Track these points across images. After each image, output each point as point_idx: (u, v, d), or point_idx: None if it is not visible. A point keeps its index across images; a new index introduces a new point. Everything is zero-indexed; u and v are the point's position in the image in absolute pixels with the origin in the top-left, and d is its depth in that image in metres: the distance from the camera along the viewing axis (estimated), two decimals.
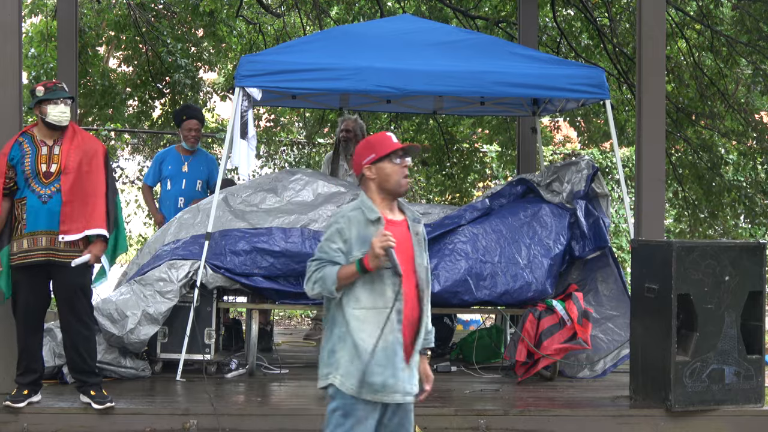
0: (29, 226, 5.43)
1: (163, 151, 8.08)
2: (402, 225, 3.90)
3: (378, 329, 3.76)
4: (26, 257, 5.43)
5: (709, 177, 11.38)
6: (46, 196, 5.43)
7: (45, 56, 11.78)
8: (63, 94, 5.47)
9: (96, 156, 5.53)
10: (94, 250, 5.50)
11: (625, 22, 11.22)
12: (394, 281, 3.77)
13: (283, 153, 14.50)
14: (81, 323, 5.53)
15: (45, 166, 5.44)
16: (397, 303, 3.78)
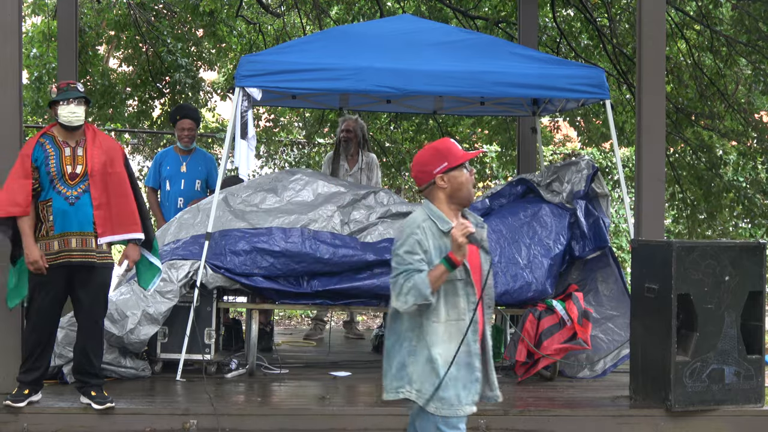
0: (57, 227, 5.43)
1: (162, 152, 8.08)
2: None
3: (453, 342, 3.75)
4: (57, 258, 5.43)
5: (708, 177, 11.38)
6: (73, 197, 5.44)
7: (47, 56, 11.78)
8: (73, 94, 5.47)
9: (117, 157, 5.57)
10: (132, 255, 5.59)
11: (625, 22, 11.22)
12: (467, 291, 3.78)
13: (283, 153, 14.50)
14: (96, 326, 5.57)
15: (70, 167, 5.45)
16: (472, 313, 3.78)
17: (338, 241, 6.65)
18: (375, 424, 5.61)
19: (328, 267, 6.59)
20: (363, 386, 6.59)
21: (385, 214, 6.98)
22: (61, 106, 5.45)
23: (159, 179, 7.83)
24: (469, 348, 3.79)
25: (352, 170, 8.27)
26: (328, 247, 6.59)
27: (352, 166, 8.29)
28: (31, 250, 5.38)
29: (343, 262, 6.59)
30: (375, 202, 7.13)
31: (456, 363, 3.75)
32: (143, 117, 13.04)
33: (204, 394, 5.94)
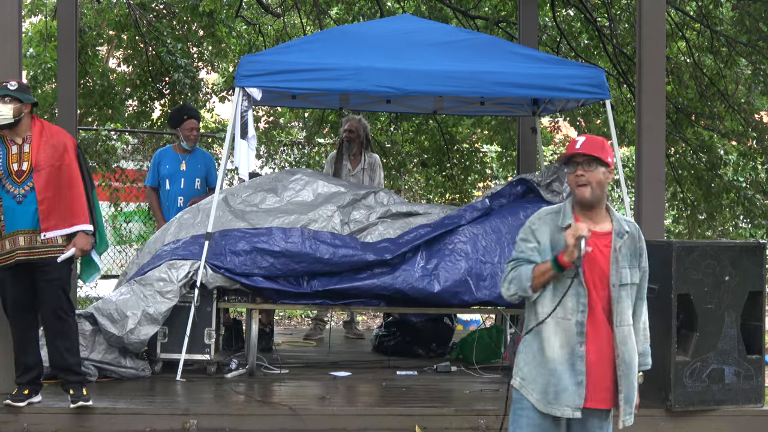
0: (7, 227, 5.43)
1: (160, 152, 8.06)
2: (602, 238, 3.75)
3: (557, 340, 3.73)
4: (7, 258, 5.43)
5: (708, 178, 11.37)
6: (20, 195, 5.42)
7: (44, 56, 11.77)
8: (1, 92, 5.38)
9: (66, 150, 5.49)
10: (78, 243, 5.48)
11: (625, 22, 11.22)
12: (578, 291, 3.71)
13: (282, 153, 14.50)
14: (58, 319, 5.50)
15: (16, 165, 5.43)
16: (579, 315, 3.71)
17: (338, 241, 6.65)
18: (375, 424, 5.61)
19: (328, 267, 6.59)
20: (363, 386, 6.59)
21: (385, 214, 6.98)
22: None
23: (158, 178, 7.82)
24: (573, 349, 3.72)
25: (354, 170, 8.27)
26: (328, 247, 6.59)
27: (354, 166, 8.29)
28: None
29: (343, 262, 6.59)
30: (375, 202, 7.14)
31: (558, 361, 3.72)
32: (143, 117, 13.03)
33: (204, 394, 5.94)
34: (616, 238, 3.75)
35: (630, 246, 3.78)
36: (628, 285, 3.76)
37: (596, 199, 3.74)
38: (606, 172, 3.74)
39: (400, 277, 6.59)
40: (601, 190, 3.74)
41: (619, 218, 3.81)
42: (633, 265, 3.78)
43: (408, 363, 7.27)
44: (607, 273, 3.73)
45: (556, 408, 3.74)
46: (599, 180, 3.72)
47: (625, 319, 3.75)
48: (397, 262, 6.65)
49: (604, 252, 3.74)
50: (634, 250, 3.79)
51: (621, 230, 3.76)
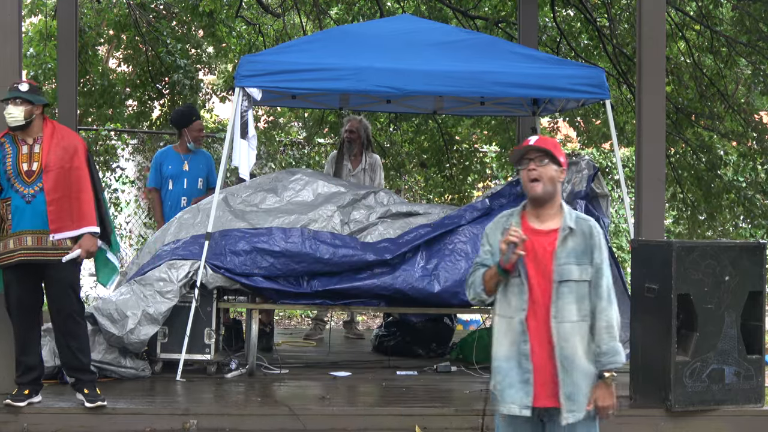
0: (15, 226, 5.44)
1: (161, 152, 8.05)
2: (547, 235, 3.79)
3: (505, 338, 3.80)
4: (12, 257, 5.44)
5: (708, 178, 11.37)
6: (29, 195, 5.43)
7: (44, 56, 11.77)
8: (11, 94, 5.42)
9: (77, 153, 5.51)
10: (84, 244, 5.49)
11: (625, 22, 11.22)
12: (521, 289, 3.75)
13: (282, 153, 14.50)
14: (70, 319, 5.53)
15: (26, 165, 5.44)
16: (521, 313, 3.76)
17: (338, 241, 6.65)
18: (375, 424, 5.61)
19: (328, 267, 6.59)
20: (363, 386, 6.59)
21: (385, 214, 6.98)
22: (5, 107, 5.45)
23: (161, 179, 7.81)
24: (518, 347, 3.77)
25: (355, 170, 8.27)
26: (328, 247, 6.59)
27: (355, 167, 8.29)
28: None
29: (343, 262, 6.59)
30: (375, 202, 7.14)
31: (506, 359, 3.79)
32: (143, 117, 13.03)
33: (204, 394, 5.94)
34: (560, 235, 3.76)
35: (580, 243, 3.77)
36: (572, 282, 3.74)
37: (548, 194, 3.78)
38: (558, 170, 3.78)
39: (400, 277, 6.59)
40: (553, 186, 3.78)
41: (569, 215, 3.81)
42: (582, 262, 3.76)
43: (408, 363, 7.27)
44: (550, 270, 3.75)
45: (503, 405, 3.81)
46: (551, 176, 3.77)
47: (566, 316, 3.74)
48: (397, 262, 6.65)
49: (549, 250, 3.76)
50: (584, 247, 3.77)
51: (565, 227, 3.77)
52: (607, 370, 3.76)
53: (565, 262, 3.74)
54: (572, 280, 3.74)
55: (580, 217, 3.83)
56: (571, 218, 3.80)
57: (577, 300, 3.75)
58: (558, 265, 3.74)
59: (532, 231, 3.79)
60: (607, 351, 3.76)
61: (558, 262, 3.74)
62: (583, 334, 3.77)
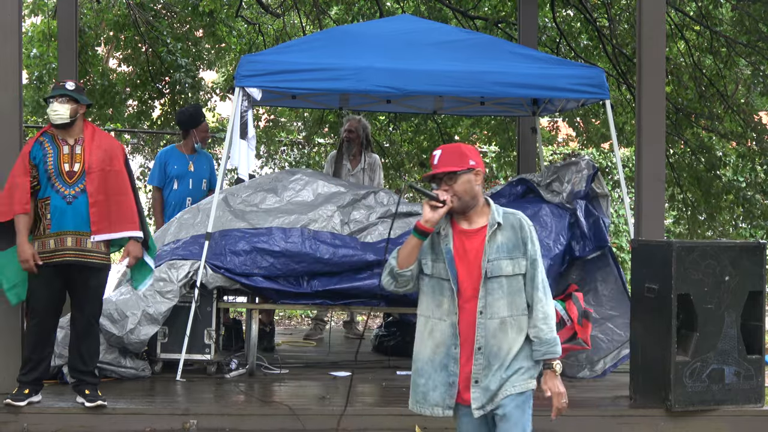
0: (54, 226, 5.44)
1: (165, 151, 8.02)
2: (477, 234, 3.77)
3: (431, 340, 3.78)
4: (53, 256, 5.44)
5: (707, 179, 11.37)
6: (70, 196, 5.44)
7: (47, 56, 11.77)
8: (57, 92, 5.47)
9: (116, 156, 5.56)
10: (132, 251, 5.57)
11: (624, 22, 11.22)
12: (452, 293, 3.73)
13: (282, 153, 14.50)
14: (91, 326, 5.57)
15: (68, 165, 5.46)
16: (453, 316, 3.73)
17: (338, 241, 6.65)
18: (375, 424, 5.61)
19: (328, 267, 6.59)
20: (363, 386, 6.59)
21: (385, 214, 6.98)
22: (49, 105, 5.48)
23: (165, 178, 7.80)
24: (448, 350, 3.75)
25: (354, 170, 8.28)
26: (328, 247, 6.59)
27: (354, 167, 8.29)
28: (22, 249, 5.39)
29: (343, 262, 6.59)
30: (375, 202, 7.13)
31: (431, 361, 3.78)
32: (143, 117, 13.03)
33: (204, 394, 5.93)
34: (488, 231, 3.74)
35: (510, 237, 3.74)
36: (503, 277, 3.71)
37: (465, 206, 3.77)
38: (470, 175, 3.75)
39: None
40: (470, 194, 3.75)
41: (496, 211, 3.78)
42: (514, 256, 3.73)
43: (408, 363, 7.22)
44: (476, 268, 3.73)
45: (426, 408, 3.81)
46: (464, 189, 3.74)
47: (495, 312, 3.71)
48: None
49: (479, 248, 3.73)
50: (516, 240, 3.74)
51: (493, 222, 3.74)
52: (552, 360, 3.75)
53: (495, 257, 3.72)
54: (503, 276, 3.71)
55: (507, 212, 3.80)
56: (498, 214, 3.77)
57: (509, 295, 3.73)
58: (488, 261, 3.71)
59: (461, 232, 3.78)
60: (547, 340, 3.74)
61: (488, 258, 3.71)
62: (516, 329, 3.74)
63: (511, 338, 3.73)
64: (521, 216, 3.79)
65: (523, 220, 3.78)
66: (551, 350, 3.75)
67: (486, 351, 3.71)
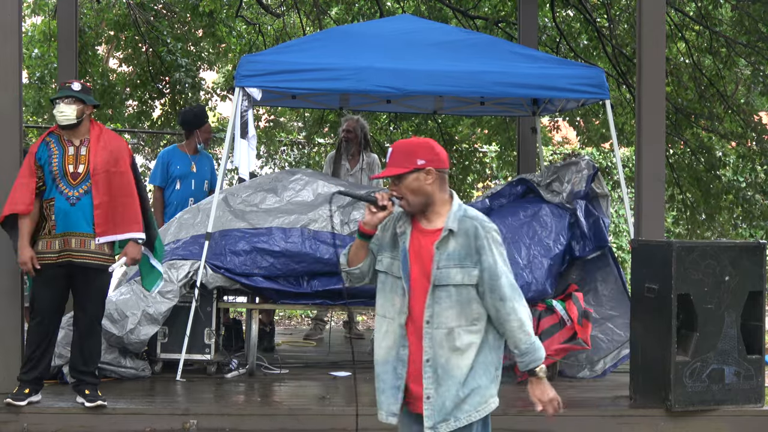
0: (59, 227, 5.43)
1: (167, 151, 8.01)
2: (432, 235, 3.54)
3: (384, 341, 3.61)
4: (58, 257, 5.44)
5: (707, 179, 11.37)
6: (74, 197, 5.43)
7: (48, 56, 11.77)
8: (64, 93, 5.47)
9: (122, 157, 5.54)
10: (129, 253, 5.54)
11: (624, 23, 11.22)
12: (404, 292, 3.54)
13: (282, 153, 14.50)
14: (93, 327, 5.57)
15: (72, 166, 5.45)
16: (402, 316, 3.55)
17: (338, 241, 6.65)
18: (375, 424, 5.56)
19: (328, 267, 6.59)
20: (363, 386, 6.58)
21: None
22: (55, 106, 5.48)
23: (167, 178, 7.79)
24: (397, 352, 3.55)
25: (353, 170, 8.28)
26: (328, 247, 6.59)
27: (353, 166, 8.29)
28: (22, 251, 5.40)
29: None
30: None
31: (384, 363, 3.62)
32: (143, 117, 13.03)
33: (204, 394, 5.93)
34: (446, 235, 3.51)
35: (463, 245, 3.49)
36: (451, 286, 3.47)
37: (417, 205, 3.55)
38: (419, 175, 3.51)
39: None
40: (420, 194, 3.52)
41: (453, 215, 3.53)
42: (465, 265, 3.48)
43: None
44: (427, 270, 3.52)
45: (379, 412, 3.62)
46: (412, 189, 3.51)
47: (442, 322, 3.48)
48: None
49: (432, 251, 3.52)
50: (468, 249, 3.49)
51: (445, 228, 3.51)
52: (537, 367, 3.52)
53: (444, 265, 3.48)
54: (451, 285, 3.48)
55: (467, 216, 3.53)
56: (454, 219, 3.52)
57: (458, 305, 3.49)
58: (436, 268, 3.48)
59: (420, 231, 3.58)
60: (527, 350, 3.51)
61: (436, 266, 3.48)
62: (466, 341, 3.49)
63: (461, 350, 3.49)
64: (479, 222, 3.52)
65: (479, 227, 3.50)
66: (534, 358, 3.51)
67: (434, 363, 3.49)
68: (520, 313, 3.53)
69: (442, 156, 3.59)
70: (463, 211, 3.56)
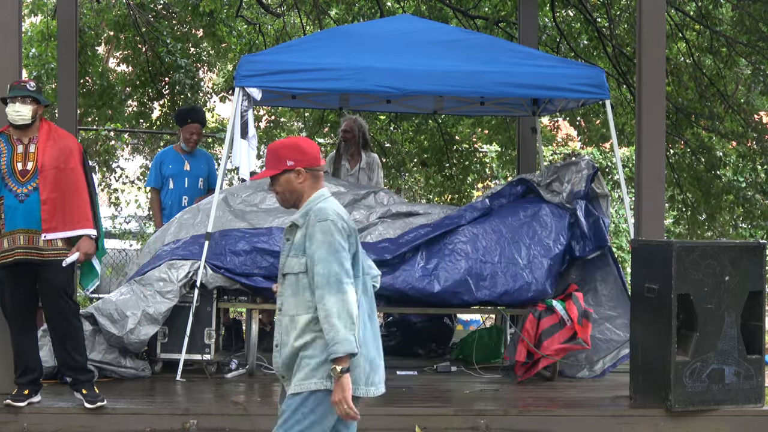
0: (7, 225, 5.43)
1: (162, 152, 8.06)
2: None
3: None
4: (6, 257, 5.43)
5: (707, 179, 11.37)
6: (23, 194, 5.42)
7: (46, 56, 11.78)
8: (19, 92, 5.41)
9: (72, 154, 5.50)
10: (83, 247, 5.48)
11: (624, 23, 11.22)
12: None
13: None
14: (63, 320, 5.51)
15: (21, 164, 5.43)
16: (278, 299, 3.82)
17: None
18: (375, 424, 5.60)
19: None
20: None
21: (385, 214, 6.98)
22: (9, 104, 5.44)
23: (161, 179, 7.81)
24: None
25: (353, 170, 8.27)
26: None
27: (353, 166, 8.29)
28: None
29: None
30: (375, 202, 7.13)
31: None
32: (142, 118, 13.03)
33: (204, 394, 5.93)
34: (291, 228, 3.75)
35: (303, 234, 3.69)
36: (291, 274, 3.70)
37: (290, 201, 3.77)
38: (289, 175, 3.72)
39: (400, 277, 6.59)
40: (292, 192, 3.75)
41: (303, 209, 3.73)
42: (299, 254, 3.69)
43: (408, 363, 7.27)
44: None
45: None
46: (284, 188, 3.75)
47: (286, 309, 3.73)
48: (397, 262, 6.65)
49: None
50: (303, 238, 3.69)
51: (292, 222, 3.74)
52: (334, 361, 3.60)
53: (288, 255, 3.73)
54: (292, 273, 3.71)
55: (312, 210, 3.70)
56: (301, 212, 3.73)
57: (296, 293, 3.70)
58: (284, 257, 3.75)
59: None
60: (328, 342, 3.61)
61: (284, 255, 3.75)
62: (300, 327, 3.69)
63: (295, 336, 3.71)
64: (315, 212, 3.69)
65: (312, 217, 3.68)
66: (330, 350, 3.59)
67: (281, 348, 3.77)
68: (328, 304, 3.61)
69: (311, 155, 3.75)
70: (313, 205, 3.73)
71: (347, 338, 3.59)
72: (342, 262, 3.63)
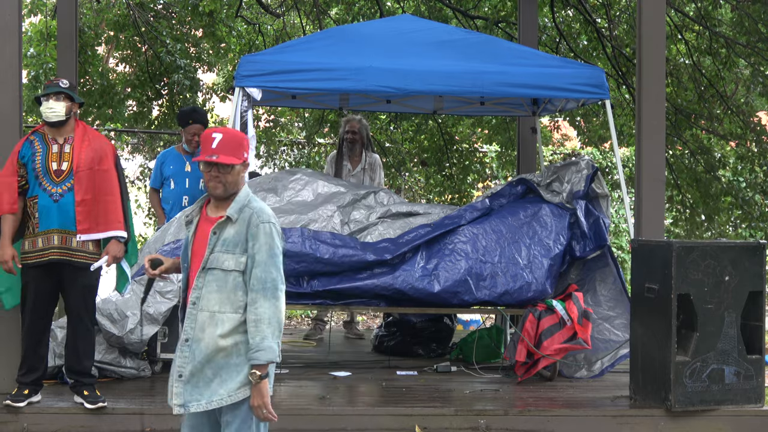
0: (42, 224, 5.43)
1: (163, 153, 8.06)
2: (213, 222, 3.75)
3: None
4: (41, 255, 5.43)
5: (706, 180, 11.37)
6: (57, 194, 5.42)
7: (44, 56, 11.77)
8: (52, 89, 5.45)
9: (107, 156, 5.53)
10: (111, 251, 5.50)
11: (624, 23, 11.22)
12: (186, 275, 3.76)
13: (282, 153, 14.50)
14: (83, 324, 5.55)
15: (56, 164, 5.44)
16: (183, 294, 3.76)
17: (338, 241, 6.65)
18: (375, 424, 5.61)
19: (328, 267, 6.59)
20: (363, 386, 6.59)
21: (385, 214, 6.98)
22: (43, 103, 5.46)
23: (161, 179, 7.81)
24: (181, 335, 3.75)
25: (354, 170, 8.28)
26: (328, 247, 6.58)
27: (355, 167, 8.29)
28: (3, 250, 5.38)
29: (343, 262, 6.59)
30: (375, 202, 7.13)
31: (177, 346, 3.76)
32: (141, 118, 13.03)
33: None
34: (222, 222, 3.70)
35: (239, 231, 3.66)
36: (219, 270, 3.65)
37: (226, 194, 3.74)
38: (241, 168, 3.74)
39: (400, 277, 6.59)
40: (235, 184, 3.74)
41: (235, 204, 3.71)
42: (234, 251, 3.66)
43: (408, 363, 7.27)
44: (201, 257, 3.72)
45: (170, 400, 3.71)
46: (233, 181, 3.73)
47: (205, 305, 3.65)
48: (397, 262, 6.65)
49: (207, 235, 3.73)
50: (242, 236, 3.66)
51: (226, 214, 3.69)
52: (255, 367, 3.60)
53: (217, 249, 3.67)
54: (219, 269, 3.65)
55: (250, 206, 3.71)
56: (236, 206, 3.70)
57: (223, 290, 3.65)
58: (210, 252, 3.67)
59: (206, 219, 3.79)
60: (251, 346, 3.60)
61: (210, 250, 3.67)
62: (228, 326, 3.64)
63: (220, 335, 3.63)
64: (257, 212, 3.68)
65: (254, 215, 3.67)
66: (254, 356, 3.59)
67: (193, 344, 3.65)
68: (260, 309, 3.60)
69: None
70: (248, 201, 3.73)
71: (271, 347, 3.60)
72: (279, 267, 3.66)
